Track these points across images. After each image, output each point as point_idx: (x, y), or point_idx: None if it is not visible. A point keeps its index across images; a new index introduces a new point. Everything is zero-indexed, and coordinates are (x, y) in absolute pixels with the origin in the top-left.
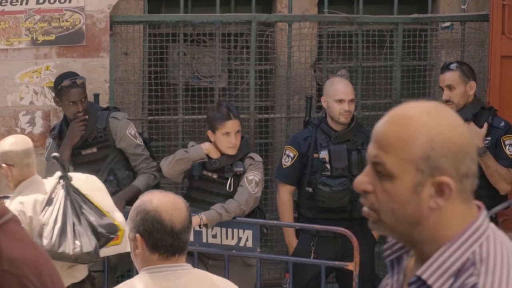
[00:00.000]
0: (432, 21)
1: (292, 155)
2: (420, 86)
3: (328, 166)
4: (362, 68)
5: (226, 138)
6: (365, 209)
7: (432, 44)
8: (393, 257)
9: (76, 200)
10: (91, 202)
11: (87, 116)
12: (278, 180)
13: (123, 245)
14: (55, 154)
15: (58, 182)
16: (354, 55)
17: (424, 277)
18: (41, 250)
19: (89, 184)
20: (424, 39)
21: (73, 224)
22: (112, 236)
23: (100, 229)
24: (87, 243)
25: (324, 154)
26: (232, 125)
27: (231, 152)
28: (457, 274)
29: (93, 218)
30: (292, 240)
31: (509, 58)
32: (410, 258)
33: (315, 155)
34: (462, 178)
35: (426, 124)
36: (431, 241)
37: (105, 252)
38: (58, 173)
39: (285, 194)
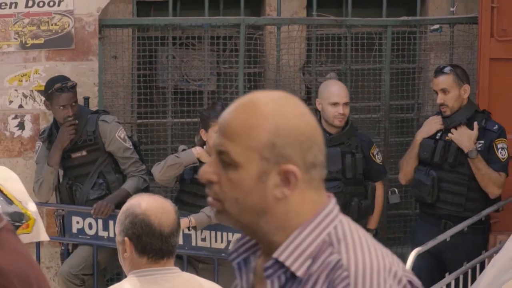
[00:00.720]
0: (421, 24)
1: None
2: (409, 89)
3: None
4: (351, 71)
5: None
6: (209, 199)
7: (421, 47)
8: (240, 259)
9: None
10: (1, 191)
11: (77, 121)
12: None
13: (34, 234)
14: None
15: None
16: (343, 57)
17: (281, 259)
18: (32, 260)
19: (2, 174)
20: (413, 42)
21: None
22: (17, 224)
23: (4, 217)
24: None
25: None
26: None
27: None
28: (315, 256)
29: None
30: None
31: (498, 60)
32: (258, 258)
33: None
34: (309, 167)
35: (272, 112)
36: (280, 230)
37: None
38: None
39: None
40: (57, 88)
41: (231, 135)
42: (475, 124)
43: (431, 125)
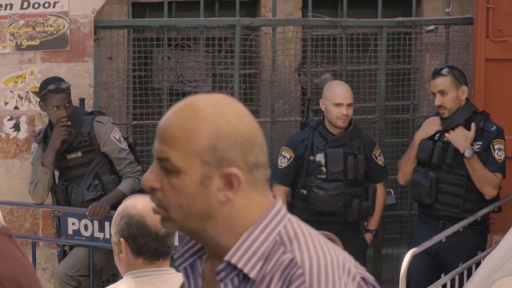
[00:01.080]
0: (417, 25)
1: (288, 156)
2: (404, 90)
3: (323, 169)
4: (346, 71)
5: None
6: (153, 206)
7: (416, 48)
8: (186, 264)
9: None
10: None
11: (69, 122)
12: (272, 181)
13: None
14: None
15: None
16: (339, 58)
17: (233, 261)
18: (26, 265)
19: None
20: (409, 43)
21: None
22: None
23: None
24: None
25: (320, 157)
26: None
27: None
28: (267, 256)
29: None
30: None
31: (494, 61)
32: (204, 262)
33: (311, 158)
34: (252, 169)
35: (211, 115)
36: (227, 233)
37: None
38: None
39: (279, 194)
40: (50, 89)
41: (171, 141)
42: (473, 125)
43: (430, 126)
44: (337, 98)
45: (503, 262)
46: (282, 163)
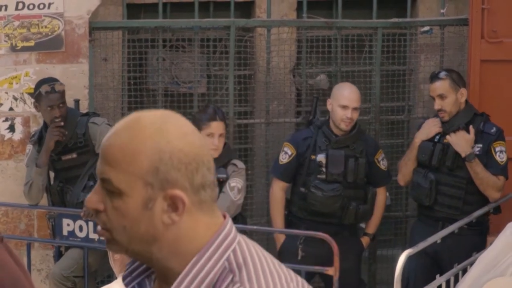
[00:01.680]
0: (411, 26)
1: (290, 152)
2: (399, 91)
3: (323, 169)
4: (341, 72)
5: (209, 140)
6: (98, 228)
7: (411, 49)
8: (134, 284)
9: None
10: None
11: (62, 123)
12: (272, 175)
13: None
14: None
15: None
16: (333, 59)
17: None
18: (14, 270)
19: None
20: (403, 44)
21: None
22: None
23: None
24: None
25: (321, 157)
26: (216, 127)
27: (213, 154)
28: (216, 284)
29: None
30: (280, 236)
31: (489, 62)
32: (153, 282)
33: (313, 157)
34: (198, 189)
35: (153, 135)
36: (174, 256)
37: None
38: None
39: (278, 190)
40: (44, 89)
41: (112, 162)
42: (471, 128)
43: (430, 127)
44: (343, 100)
45: (495, 262)
46: (284, 158)
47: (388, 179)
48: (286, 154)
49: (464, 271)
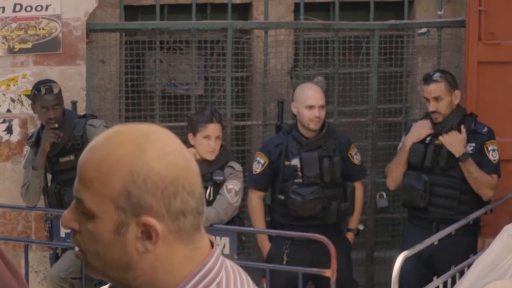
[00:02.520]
0: (409, 27)
1: (262, 161)
2: (396, 93)
3: (299, 173)
4: (338, 74)
5: (206, 142)
6: (75, 249)
7: (408, 51)
8: None
9: None
10: None
11: (56, 125)
12: (248, 186)
13: None
14: None
15: None
16: (331, 61)
17: None
18: (9, 279)
19: None
20: (401, 46)
21: None
22: None
23: None
24: None
25: (295, 162)
26: (213, 129)
27: (209, 157)
28: None
29: None
30: (265, 244)
31: (486, 64)
32: None
33: (286, 163)
34: (177, 217)
35: (128, 154)
36: (150, 287)
37: None
38: None
39: (255, 199)
40: (40, 90)
41: (85, 181)
42: (462, 128)
43: (420, 130)
44: (309, 101)
45: (494, 265)
46: (257, 168)
47: (363, 173)
48: (259, 164)
49: (461, 273)
